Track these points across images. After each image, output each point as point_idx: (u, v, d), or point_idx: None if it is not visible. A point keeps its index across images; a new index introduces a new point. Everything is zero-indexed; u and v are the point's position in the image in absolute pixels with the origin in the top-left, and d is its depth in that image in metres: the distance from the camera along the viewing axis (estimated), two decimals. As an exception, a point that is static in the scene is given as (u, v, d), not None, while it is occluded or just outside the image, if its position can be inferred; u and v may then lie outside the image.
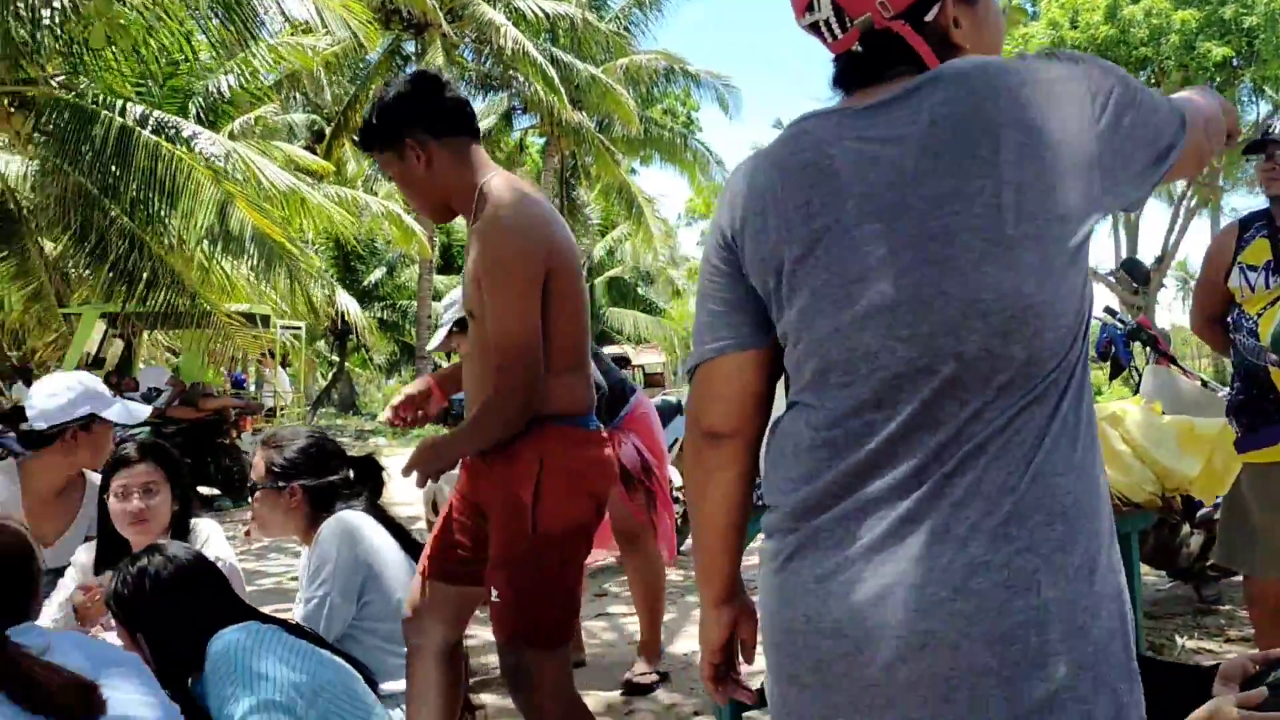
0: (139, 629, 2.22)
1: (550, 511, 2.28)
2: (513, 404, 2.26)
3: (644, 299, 32.76)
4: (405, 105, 2.33)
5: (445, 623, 2.54)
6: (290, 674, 2.14)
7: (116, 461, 3.05)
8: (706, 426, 1.40)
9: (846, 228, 1.24)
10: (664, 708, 3.86)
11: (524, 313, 2.23)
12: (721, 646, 1.49)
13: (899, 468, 1.21)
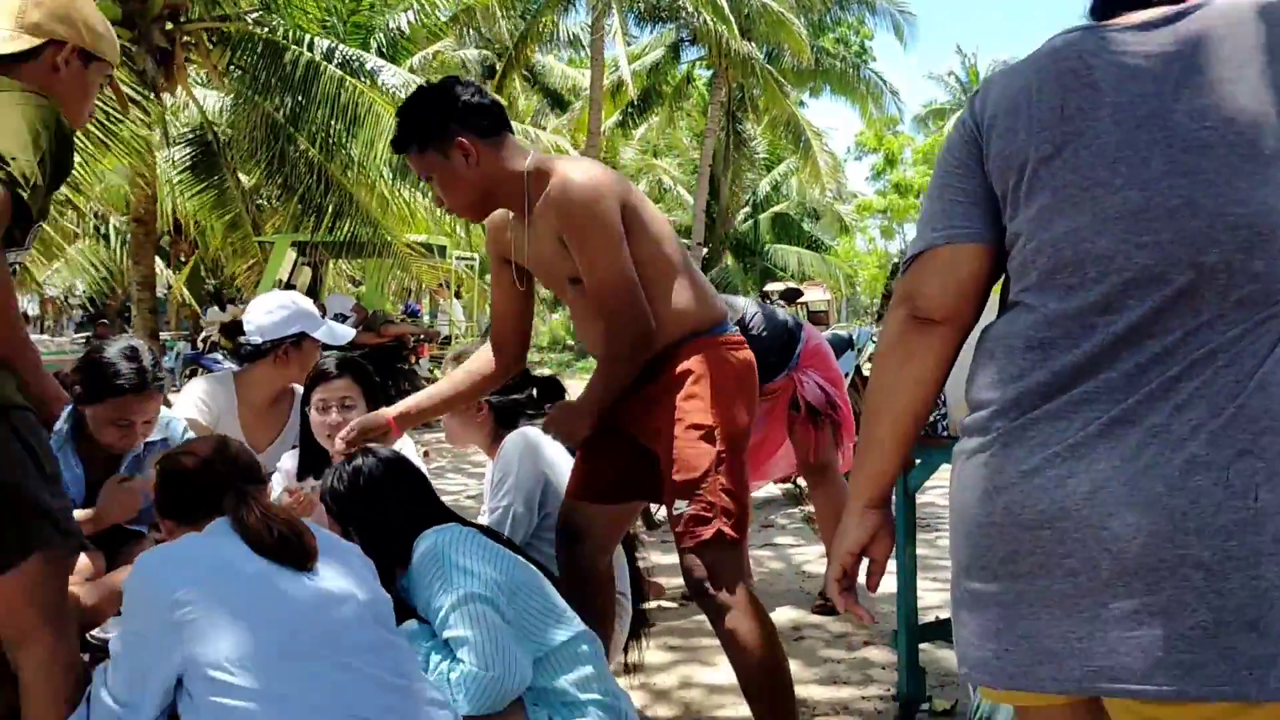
0: (351, 523, 2.36)
1: (725, 414, 2.41)
2: (628, 344, 2.40)
3: (809, 235, 32.19)
4: (452, 105, 2.39)
5: (596, 544, 2.65)
6: (491, 571, 2.24)
7: (317, 376, 3.22)
8: (919, 309, 1.41)
9: (1098, 133, 1.27)
10: (834, 636, 3.89)
11: (615, 260, 2.35)
12: (859, 551, 1.51)
13: (1118, 369, 1.23)
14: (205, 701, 1.75)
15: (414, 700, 1.91)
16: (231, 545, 1.91)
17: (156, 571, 1.86)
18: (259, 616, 1.82)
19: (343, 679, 1.82)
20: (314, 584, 1.92)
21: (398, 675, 1.92)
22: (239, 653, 1.76)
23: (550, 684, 2.25)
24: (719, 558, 2.39)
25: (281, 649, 1.79)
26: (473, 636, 2.15)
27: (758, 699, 2.41)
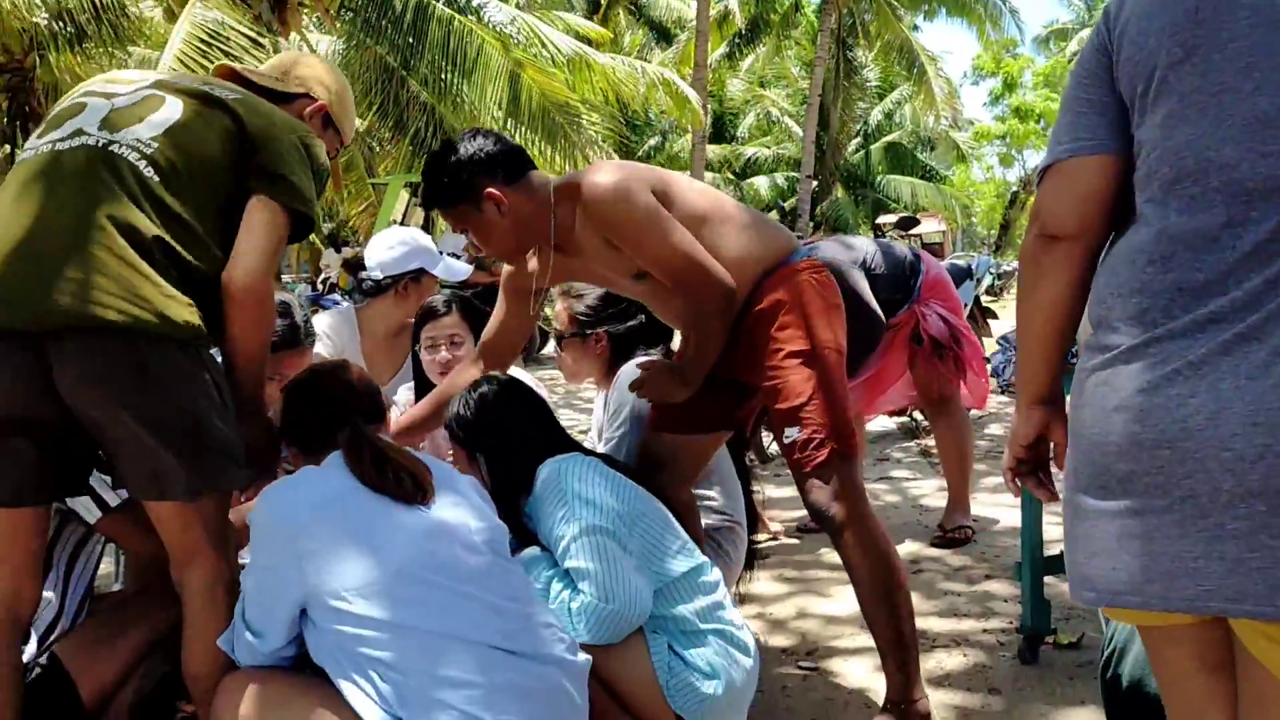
0: (477, 449, 2.39)
1: (819, 334, 2.45)
2: (717, 310, 2.42)
3: (923, 165, 31.29)
4: (477, 159, 2.42)
5: (678, 475, 2.65)
6: (612, 501, 2.25)
7: (425, 314, 3.26)
8: (1048, 227, 1.41)
9: (1231, 38, 1.22)
10: (953, 569, 3.83)
11: (671, 239, 2.36)
12: (1029, 443, 1.55)
13: (1243, 286, 1.20)
14: (327, 629, 1.83)
15: (529, 624, 1.94)
16: (344, 479, 1.94)
17: (277, 505, 1.92)
18: (376, 548, 1.86)
19: (458, 604, 1.86)
20: (429, 514, 1.95)
21: (512, 600, 1.95)
22: (357, 582, 1.81)
23: (670, 612, 2.26)
24: (836, 476, 2.40)
25: (398, 577, 1.83)
26: (593, 568, 2.16)
27: (878, 616, 2.40)
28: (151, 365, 1.75)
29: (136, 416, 1.74)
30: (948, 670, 2.88)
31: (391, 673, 1.78)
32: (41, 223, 1.80)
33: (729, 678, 2.25)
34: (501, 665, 1.84)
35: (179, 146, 1.91)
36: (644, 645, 2.22)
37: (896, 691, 2.37)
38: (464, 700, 1.77)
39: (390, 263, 3.47)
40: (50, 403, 1.74)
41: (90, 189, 1.83)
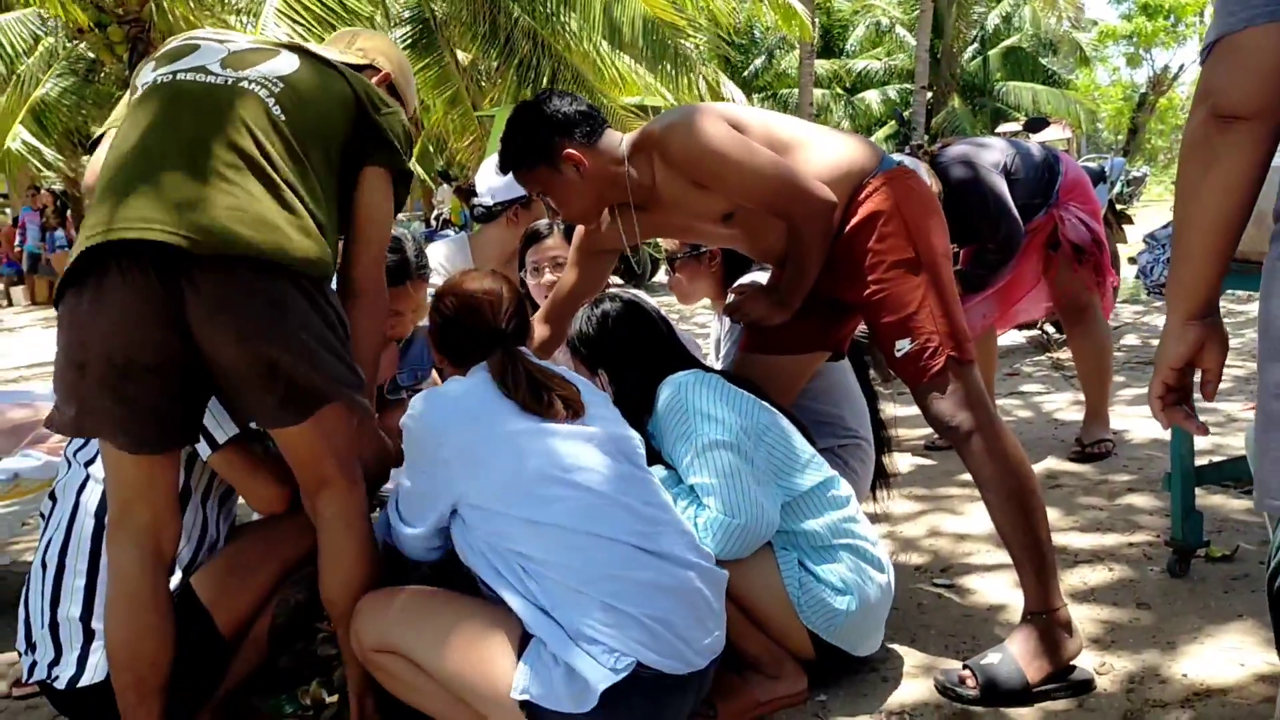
0: (600, 365, 2.37)
1: (924, 242, 2.35)
2: (819, 227, 2.33)
3: (1045, 70, 29.85)
4: (553, 120, 2.38)
5: (775, 393, 2.53)
6: (735, 416, 2.21)
7: (528, 238, 3.23)
8: (1221, 106, 1.26)
9: None
10: (1093, 483, 3.67)
11: (758, 164, 2.29)
12: (1180, 366, 1.40)
13: None
14: (475, 528, 1.92)
15: (668, 529, 1.95)
16: (493, 391, 1.98)
17: (425, 414, 1.98)
18: (520, 452, 1.91)
19: (599, 506, 1.89)
20: (569, 425, 1.97)
21: (650, 506, 1.96)
22: (502, 485, 1.89)
23: (799, 527, 2.21)
24: (955, 384, 2.30)
25: (541, 480, 1.89)
26: (718, 484, 2.13)
27: (1010, 525, 2.29)
28: (283, 297, 1.76)
29: (267, 347, 1.75)
30: (1092, 585, 2.76)
31: (535, 566, 1.84)
32: (174, 150, 1.81)
33: (862, 594, 2.20)
34: (642, 563, 1.86)
35: (300, 98, 1.93)
36: (773, 561, 2.18)
37: (1035, 602, 2.27)
38: (605, 593, 1.81)
39: (500, 188, 3.43)
40: (178, 340, 1.75)
41: (222, 120, 1.83)
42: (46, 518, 2.19)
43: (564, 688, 1.77)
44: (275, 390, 1.79)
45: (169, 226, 1.69)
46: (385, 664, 1.93)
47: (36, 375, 6.49)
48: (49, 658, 2.04)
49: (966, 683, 2.20)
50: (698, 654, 1.87)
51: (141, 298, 1.72)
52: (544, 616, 1.82)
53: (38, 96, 13.92)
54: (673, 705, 1.88)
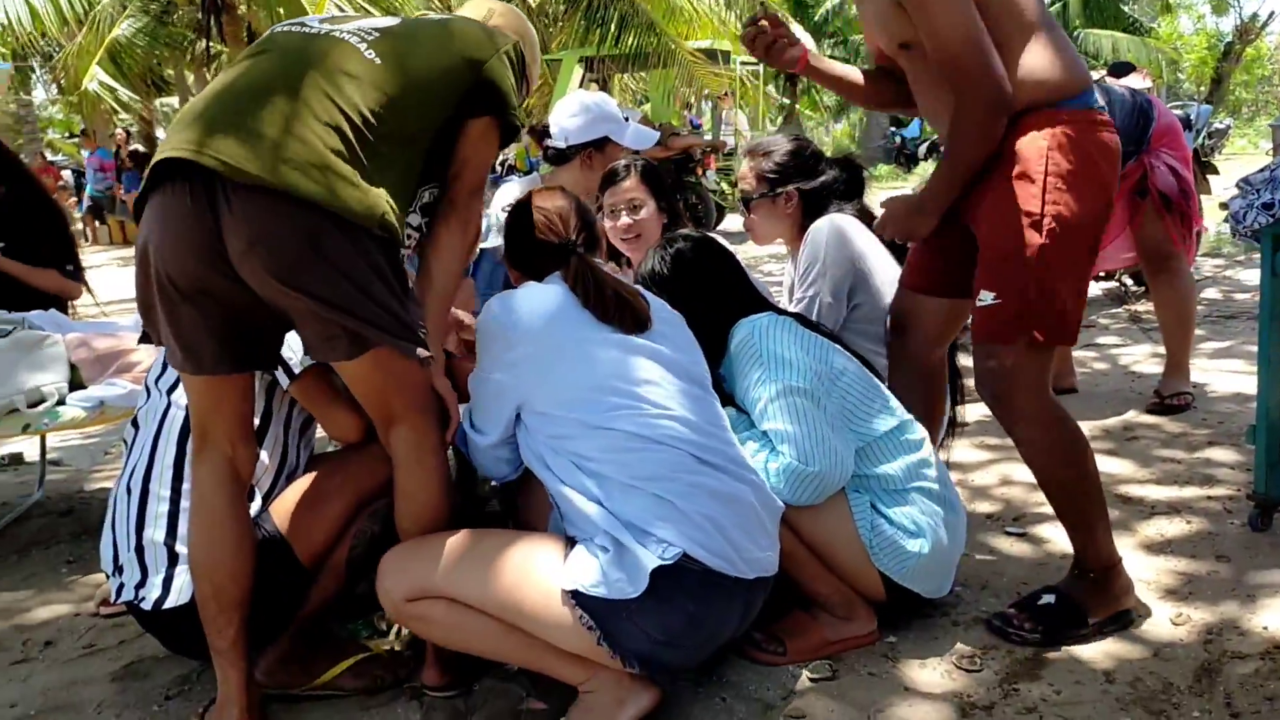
0: (673, 305, 2.32)
1: (1060, 202, 2.10)
2: (979, 114, 2.12)
3: (1126, 17, 28.82)
4: None
5: (927, 335, 2.49)
6: (810, 360, 2.18)
7: (605, 179, 3.20)
8: None
9: None
10: (1171, 435, 3.59)
11: (956, 15, 2.07)
12: None
13: None
14: (537, 431, 1.96)
15: (727, 447, 1.96)
16: (564, 295, 2.01)
17: (498, 315, 2.01)
18: (586, 359, 1.93)
19: (659, 417, 1.89)
20: (637, 339, 1.98)
21: (712, 425, 1.97)
22: (565, 389, 1.92)
23: (873, 471, 2.20)
24: (1019, 364, 2.16)
25: (603, 388, 1.91)
26: (793, 430, 2.11)
27: (1061, 504, 2.28)
28: (322, 237, 1.73)
29: (301, 283, 1.74)
30: (1169, 537, 2.71)
31: (589, 464, 1.87)
32: (248, 89, 1.82)
33: (936, 536, 2.18)
34: (695, 469, 1.88)
35: (398, 46, 1.94)
36: (846, 504, 2.17)
37: (1087, 559, 2.25)
38: (659, 488, 1.83)
39: (574, 130, 3.39)
40: (216, 272, 1.76)
41: (303, 63, 1.85)
42: (130, 444, 2.24)
43: (613, 572, 1.79)
44: (315, 327, 1.80)
45: (210, 150, 1.70)
46: (422, 612, 1.93)
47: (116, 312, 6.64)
48: (135, 580, 2.11)
49: (1024, 625, 2.19)
50: (746, 563, 1.86)
51: (183, 223, 1.74)
52: (596, 506, 1.85)
53: (113, 37, 14.12)
54: (718, 606, 1.86)
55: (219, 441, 1.96)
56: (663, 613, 1.80)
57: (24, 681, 2.32)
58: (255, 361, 1.96)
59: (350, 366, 1.87)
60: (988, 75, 2.08)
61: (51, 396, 2.95)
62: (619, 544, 1.81)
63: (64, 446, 4.42)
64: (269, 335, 1.94)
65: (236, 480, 1.98)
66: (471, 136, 2.02)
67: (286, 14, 11.35)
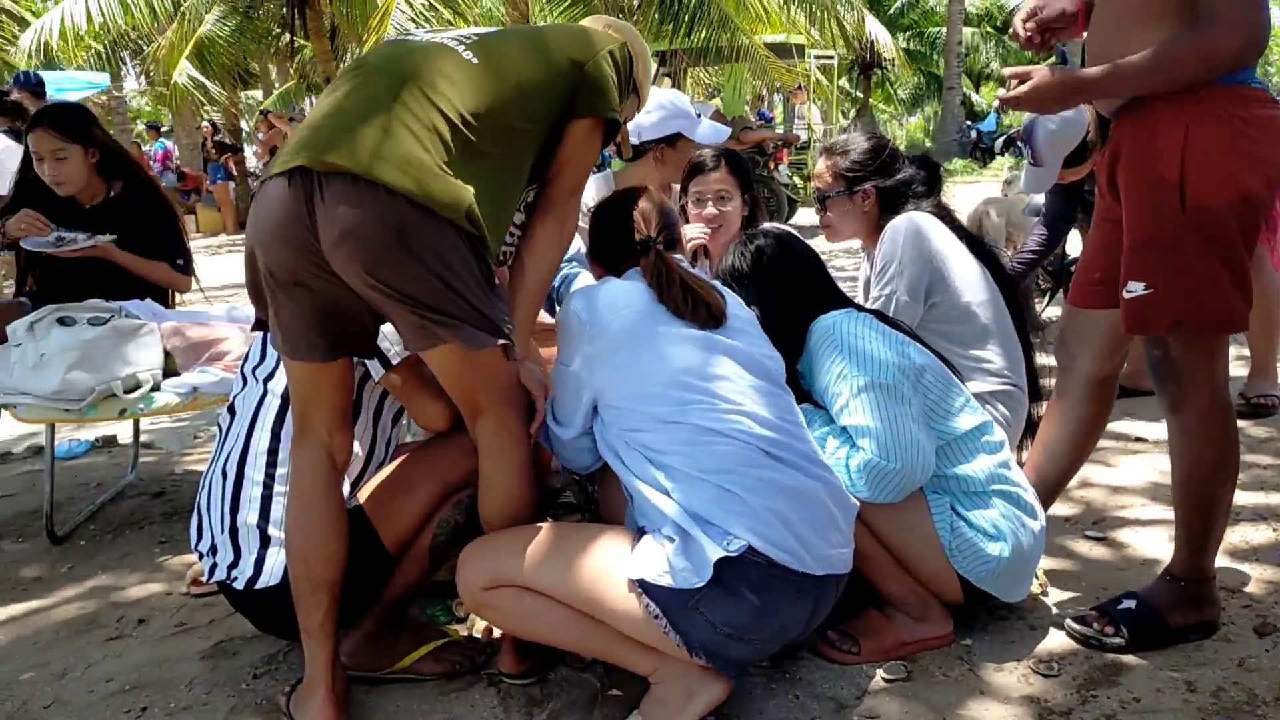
0: (753, 300, 2.34)
1: (1203, 182, 1.99)
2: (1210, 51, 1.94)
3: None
4: None
5: (1092, 352, 2.40)
6: (893, 356, 2.17)
7: (693, 169, 3.22)
8: None
9: None
10: (1257, 440, 3.52)
11: None
12: None
13: None
14: (611, 423, 2.00)
15: (800, 443, 1.96)
16: (641, 290, 2.05)
17: (579, 308, 2.05)
18: (660, 355, 1.96)
19: (731, 412, 1.91)
20: (713, 334, 2.01)
21: (785, 421, 1.97)
22: (638, 387, 1.95)
23: (953, 472, 2.19)
24: (1185, 353, 2.09)
25: (676, 382, 1.93)
26: (874, 426, 2.11)
27: (1187, 504, 2.19)
28: (411, 230, 1.77)
29: (387, 280, 1.79)
30: (1254, 545, 2.66)
31: (659, 456, 1.90)
32: (348, 99, 1.90)
33: (1016, 541, 2.16)
34: (763, 463, 1.88)
35: (493, 51, 1.99)
36: (925, 504, 2.16)
37: (1184, 569, 2.20)
38: (723, 480, 1.85)
39: (648, 126, 3.42)
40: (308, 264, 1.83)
41: (403, 65, 1.93)
42: (224, 429, 2.32)
43: (679, 562, 1.81)
44: (404, 318, 1.85)
45: (311, 153, 1.78)
46: (496, 601, 1.96)
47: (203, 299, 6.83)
48: (228, 560, 2.18)
49: (1105, 630, 2.17)
50: (814, 559, 1.86)
51: (281, 217, 1.82)
52: (663, 497, 1.87)
53: (201, 33, 14.48)
54: (786, 602, 1.86)
55: (317, 430, 2.03)
56: (728, 604, 1.82)
57: (119, 657, 2.42)
58: (350, 349, 2.02)
59: (437, 357, 1.91)
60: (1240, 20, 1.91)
61: (147, 383, 3.06)
62: (685, 534, 1.84)
63: (154, 429, 4.58)
64: (364, 326, 2.00)
65: (332, 467, 2.05)
66: (575, 137, 2.08)
67: (361, 13, 11.56)
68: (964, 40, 25.73)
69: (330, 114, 1.88)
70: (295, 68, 18.60)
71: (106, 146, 3.50)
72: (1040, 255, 5.24)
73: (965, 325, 2.74)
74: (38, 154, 3.40)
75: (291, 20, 11.23)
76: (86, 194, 3.49)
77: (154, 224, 3.53)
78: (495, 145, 1.91)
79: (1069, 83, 2.07)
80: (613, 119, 2.11)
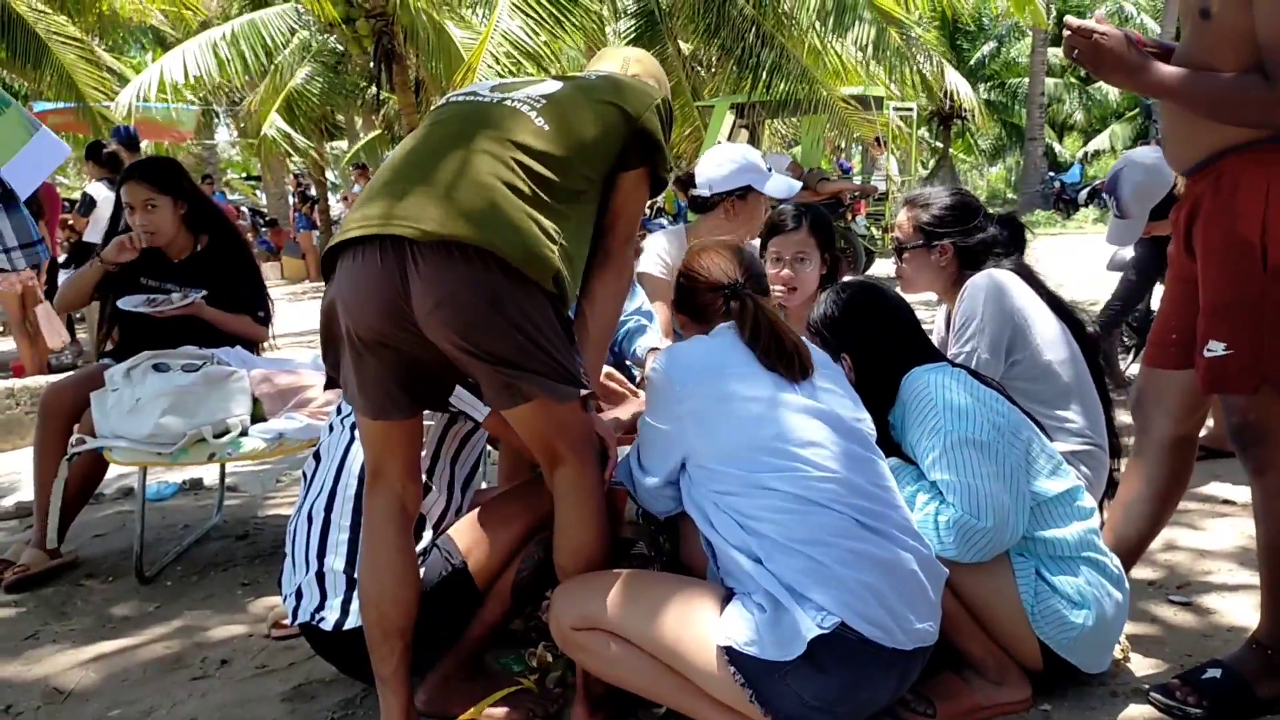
0: (843, 350, 2.33)
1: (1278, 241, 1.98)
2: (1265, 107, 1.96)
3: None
4: None
5: (1169, 413, 2.36)
6: (986, 414, 2.14)
7: (773, 227, 3.23)
8: None
9: None
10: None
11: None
12: None
13: None
14: (700, 482, 1.98)
15: (891, 510, 1.93)
16: (733, 350, 2.04)
17: (669, 368, 2.05)
18: (754, 418, 1.94)
19: (823, 479, 1.88)
20: (804, 395, 1.98)
21: (876, 486, 1.94)
22: (731, 447, 1.93)
23: (1040, 535, 2.15)
24: (1269, 414, 2.05)
25: (769, 449, 1.90)
26: (965, 483, 2.08)
27: (1274, 569, 2.13)
28: (502, 292, 1.84)
29: (480, 344, 1.85)
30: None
31: (751, 523, 1.87)
32: (428, 154, 1.97)
33: (1100, 609, 2.12)
34: (857, 534, 1.86)
35: (564, 111, 2.05)
36: (1009, 566, 2.12)
37: (1270, 636, 2.14)
38: (818, 553, 1.82)
39: (719, 180, 3.47)
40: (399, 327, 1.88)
41: (480, 128, 1.99)
42: (310, 475, 2.38)
43: (769, 633, 1.79)
44: (490, 378, 1.90)
45: (398, 220, 1.84)
46: (585, 642, 1.98)
47: (288, 345, 7.03)
48: (314, 604, 2.23)
49: (1188, 699, 2.10)
50: (905, 634, 1.84)
51: (372, 284, 1.87)
52: (756, 565, 1.85)
53: (292, 87, 15.00)
54: (874, 677, 1.85)
55: (390, 479, 2.08)
56: (816, 679, 1.80)
57: (202, 697, 2.48)
58: (428, 404, 2.08)
59: (517, 412, 1.96)
60: None
61: (235, 428, 3.17)
62: (777, 604, 1.82)
63: (239, 473, 4.71)
64: (443, 383, 2.06)
65: (404, 513, 2.09)
66: (625, 188, 2.12)
67: (446, 67, 11.87)
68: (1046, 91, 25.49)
69: (410, 173, 1.94)
70: (380, 120, 19.14)
71: (195, 199, 3.60)
72: (1125, 310, 5.15)
73: (1046, 384, 2.71)
74: (130, 204, 3.49)
75: (378, 74, 11.56)
76: (175, 248, 3.57)
77: (238, 277, 3.63)
78: (569, 206, 1.97)
79: (1131, 61, 2.06)
80: (660, 171, 2.16)
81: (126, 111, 11.75)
